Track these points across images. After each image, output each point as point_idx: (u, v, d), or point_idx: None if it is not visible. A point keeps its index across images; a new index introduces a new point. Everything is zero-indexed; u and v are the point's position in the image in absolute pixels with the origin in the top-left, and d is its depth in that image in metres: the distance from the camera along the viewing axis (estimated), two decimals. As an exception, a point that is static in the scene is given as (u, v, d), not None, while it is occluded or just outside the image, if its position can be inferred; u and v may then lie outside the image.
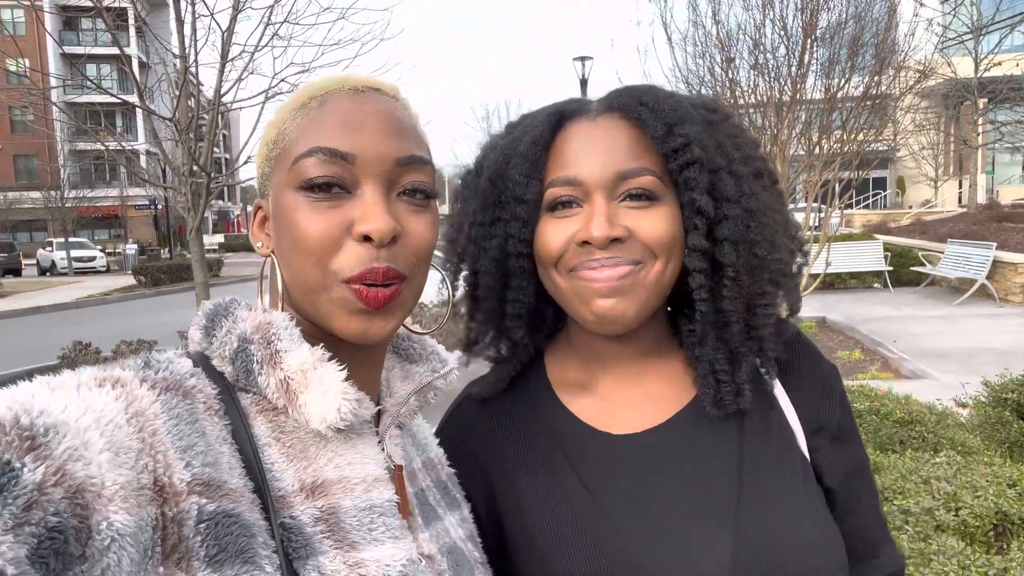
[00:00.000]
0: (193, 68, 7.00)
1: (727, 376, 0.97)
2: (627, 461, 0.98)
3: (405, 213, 0.80)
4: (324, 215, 0.77)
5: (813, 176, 9.19)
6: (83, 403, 0.63)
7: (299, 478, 0.76)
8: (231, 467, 0.71)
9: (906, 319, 10.82)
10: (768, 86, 9.18)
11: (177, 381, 0.72)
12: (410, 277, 0.81)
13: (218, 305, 0.84)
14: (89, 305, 20.78)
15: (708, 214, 0.94)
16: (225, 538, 0.66)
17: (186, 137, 6.66)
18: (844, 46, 9.20)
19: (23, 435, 0.57)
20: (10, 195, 39.10)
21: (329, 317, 0.79)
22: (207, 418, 0.72)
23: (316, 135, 0.79)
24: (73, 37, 41.86)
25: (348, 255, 0.77)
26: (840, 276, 14.11)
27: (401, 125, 0.82)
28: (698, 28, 9.42)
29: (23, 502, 0.54)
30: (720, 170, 0.95)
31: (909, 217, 26.50)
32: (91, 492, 0.58)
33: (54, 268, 34.58)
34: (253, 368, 0.77)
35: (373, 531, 0.77)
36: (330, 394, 0.75)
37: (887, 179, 37.24)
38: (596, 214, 0.93)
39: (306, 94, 0.83)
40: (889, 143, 13.72)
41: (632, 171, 0.94)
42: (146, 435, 0.65)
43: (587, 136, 0.97)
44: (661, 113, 0.94)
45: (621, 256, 0.93)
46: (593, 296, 0.94)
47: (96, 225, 49.50)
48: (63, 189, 33.97)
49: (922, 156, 29.84)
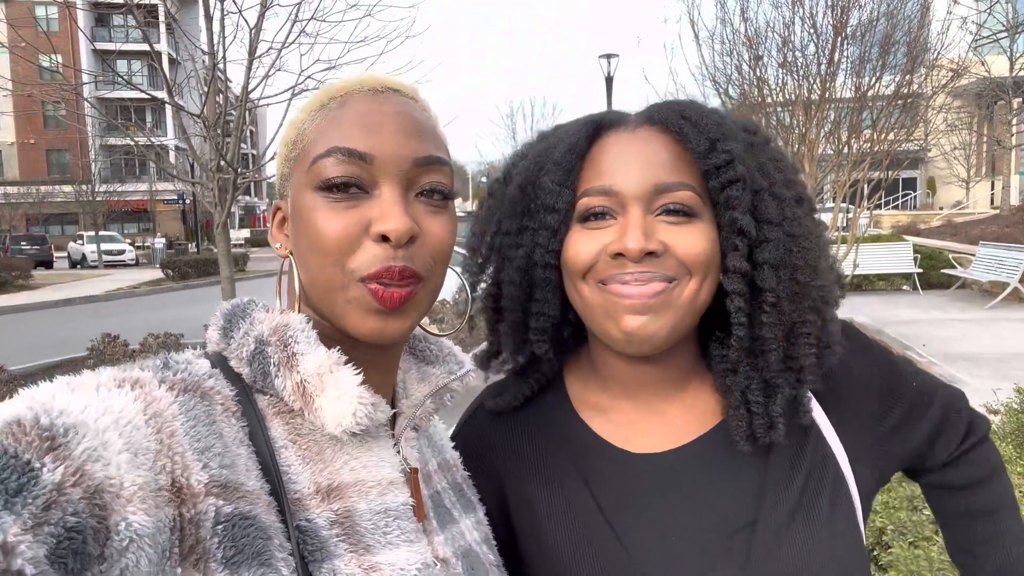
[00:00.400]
0: (221, 65, 7.07)
1: (760, 408, 0.92)
2: (644, 480, 0.96)
3: (423, 214, 0.80)
4: (342, 215, 0.77)
5: (842, 176, 9.07)
6: (102, 404, 0.63)
7: (315, 481, 0.76)
8: (248, 469, 0.71)
9: (936, 322, 10.63)
10: (796, 84, 9.07)
11: (195, 382, 0.73)
12: (427, 278, 0.81)
13: (235, 306, 0.84)
14: (118, 298, 21.12)
15: (750, 235, 0.90)
16: (242, 540, 0.66)
17: (214, 133, 6.73)
18: (875, 44, 9.06)
19: (43, 435, 0.57)
20: (42, 189, 39.84)
21: (345, 317, 0.79)
22: (224, 420, 0.72)
23: (335, 135, 0.79)
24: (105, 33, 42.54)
25: (365, 254, 0.77)
26: (868, 278, 13.90)
27: (419, 126, 0.82)
28: (726, 25, 9.35)
29: (42, 502, 0.54)
30: (762, 191, 0.92)
31: (940, 218, 26.05)
32: (110, 493, 0.59)
33: (84, 261, 35.21)
34: (270, 370, 0.77)
35: (388, 534, 0.77)
36: (345, 398, 0.75)
37: (917, 179, 36.65)
38: (631, 225, 0.89)
39: (326, 95, 0.84)
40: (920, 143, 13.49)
41: (671, 185, 0.91)
42: (164, 436, 0.65)
43: (625, 147, 0.94)
44: (704, 128, 0.91)
45: (655, 271, 0.89)
46: (623, 312, 0.90)
47: (126, 219, 50.23)
48: (94, 183, 34.50)
49: (954, 156, 29.33)
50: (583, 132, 0.96)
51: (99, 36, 41.89)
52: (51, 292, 21.82)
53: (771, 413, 0.92)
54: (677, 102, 0.97)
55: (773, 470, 0.93)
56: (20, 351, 10.99)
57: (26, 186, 41.29)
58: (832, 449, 0.96)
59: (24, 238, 35.70)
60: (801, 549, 0.88)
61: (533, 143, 1.05)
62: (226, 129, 7.08)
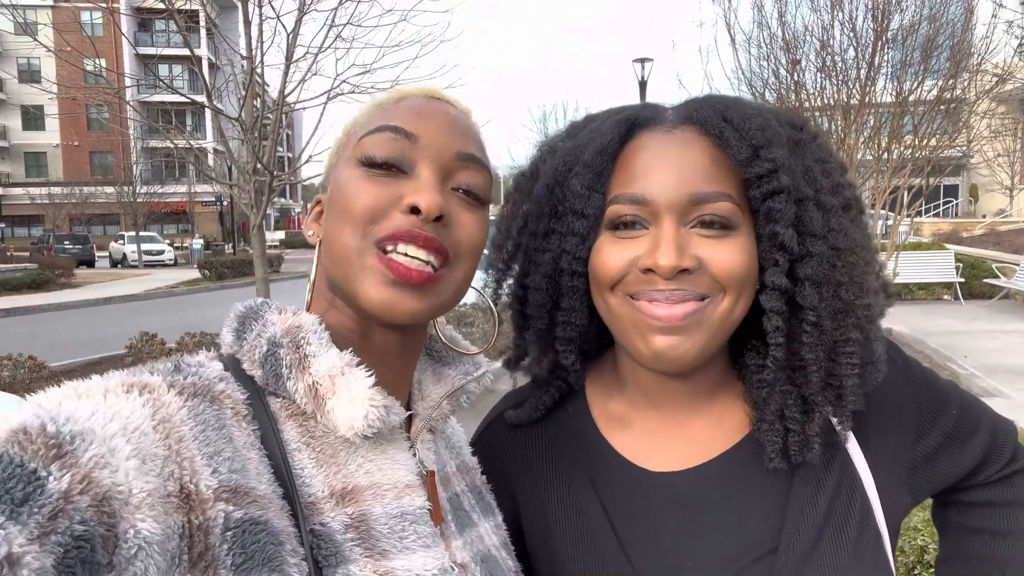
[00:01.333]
0: (259, 69, 7.17)
1: (797, 426, 0.87)
2: (661, 502, 0.91)
3: (456, 206, 0.81)
4: (377, 186, 0.78)
5: (881, 182, 8.90)
6: (110, 410, 0.63)
7: (329, 484, 0.75)
8: (259, 473, 0.70)
9: (978, 333, 10.36)
10: (835, 89, 8.93)
11: (205, 386, 0.72)
12: (453, 262, 0.80)
13: (249, 308, 0.84)
14: (157, 297, 21.54)
15: (791, 250, 0.85)
16: (252, 546, 0.65)
17: (251, 136, 6.83)
18: (917, 48, 8.89)
19: (49, 443, 0.57)
20: (85, 190, 40.87)
21: (358, 285, 0.77)
22: (235, 424, 0.72)
23: (386, 118, 0.81)
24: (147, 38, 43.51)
25: (391, 221, 0.77)
26: (908, 287, 13.62)
27: (468, 128, 0.84)
28: (763, 29, 9.25)
29: (48, 511, 0.53)
30: (807, 200, 0.86)
31: (982, 227, 25.44)
32: (118, 500, 0.58)
33: (125, 260, 36.01)
34: (282, 372, 0.77)
35: (404, 539, 0.76)
36: (357, 400, 0.74)
37: (959, 187, 35.84)
38: (664, 240, 0.84)
39: (385, 96, 0.87)
40: (963, 149, 13.19)
41: (708, 195, 0.85)
42: (172, 442, 0.65)
43: (660, 149, 0.88)
44: (747, 133, 0.85)
45: (687, 289, 0.85)
46: (651, 332, 0.86)
47: (165, 220, 51.31)
48: (135, 185, 35.31)
49: (997, 163, 28.61)
50: (615, 131, 0.90)
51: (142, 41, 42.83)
52: (92, 290, 22.33)
53: (807, 432, 0.87)
54: (719, 99, 0.92)
55: (797, 492, 0.88)
56: (61, 347, 11.27)
57: (70, 187, 42.39)
58: (859, 473, 0.90)
59: (67, 237, 36.67)
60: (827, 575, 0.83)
61: (562, 137, 0.99)
62: (263, 132, 7.18)
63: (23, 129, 50.80)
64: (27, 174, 51.10)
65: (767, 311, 0.86)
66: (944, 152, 9.48)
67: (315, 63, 7.23)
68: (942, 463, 0.97)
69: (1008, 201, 30.74)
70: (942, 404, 0.97)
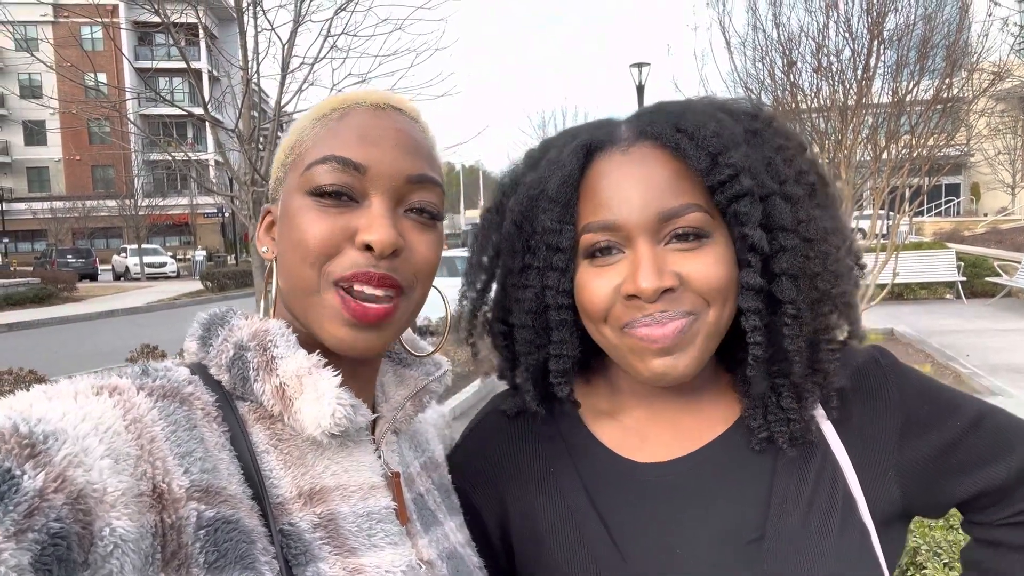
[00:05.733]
0: (255, 80, 7.20)
1: (782, 413, 0.90)
2: (649, 492, 0.92)
3: (410, 230, 0.81)
4: (329, 220, 0.78)
5: (880, 182, 8.88)
6: (81, 410, 0.63)
7: (297, 485, 0.76)
8: (230, 474, 0.71)
9: (980, 332, 10.33)
10: (832, 89, 8.92)
11: (174, 388, 0.73)
12: (407, 292, 0.81)
13: (214, 315, 0.84)
14: (159, 309, 21.59)
15: (762, 249, 0.85)
16: (224, 544, 0.66)
17: (248, 147, 6.85)
18: (913, 48, 8.88)
19: (22, 443, 0.57)
20: (88, 203, 41.00)
21: (319, 324, 0.79)
22: (206, 424, 0.73)
23: (332, 144, 0.80)
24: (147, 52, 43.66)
25: (345, 260, 0.78)
26: (910, 286, 13.60)
27: (417, 145, 0.83)
28: (758, 31, 9.24)
29: (24, 509, 0.54)
30: (773, 195, 0.86)
31: (984, 225, 25.39)
32: (93, 498, 0.59)
33: (128, 273, 36.10)
34: (249, 375, 0.77)
35: (372, 537, 0.78)
36: (324, 399, 0.75)
37: (960, 186, 35.78)
38: (642, 263, 0.84)
39: (327, 106, 0.85)
40: (962, 148, 13.18)
41: (676, 210, 0.85)
42: (144, 442, 0.65)
43: (620, 172, 0.87)
44: (703, 141, 0.84)
45: (673, 309, 0.85)
46: (649, 355, 0.86)
47: (167, 232, 51.41)
48: (137, 198, 35.41)
49: (998, 162, 28.58)
50: (574, 161, 0.89)
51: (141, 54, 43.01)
52: (95, 304, 22.38)
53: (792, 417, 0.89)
54: (668, 109, 0.91)
55: (781, 480, 0.89)
56: (64, 361, 11.29)
57: (72, 201, 42.53)
58: (840, 464, 0.90)
59: (70, 251, 36.77)
60: (811, 567, 0.83)
61: (522, 169, 0.98)
62: (261, 143, 7.20)
63: (25, 144, 50.95)
64: (30, 189, 51.28)
65: (745, 312, 0.86)
66: (942, 151, 9.46)
67: (311, 73, 7.26)
68: (947, 476, 0.93)
69: (1010, 199, 30.67)
70: (940, 413, 0.94)
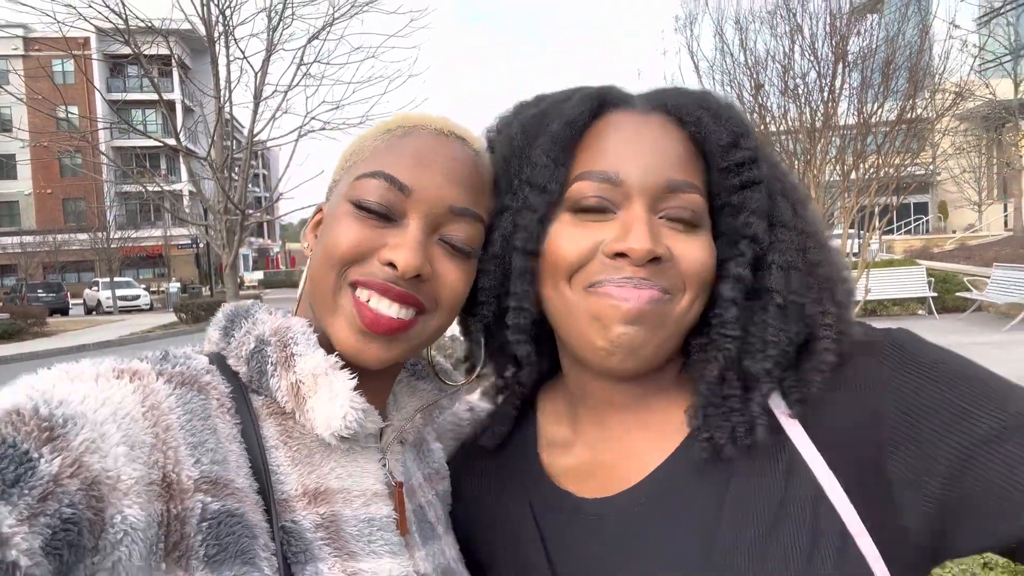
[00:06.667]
0: (228, 108, 7.19)
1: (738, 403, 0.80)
2: (593, 532, 0.85)
3: (441, 257, 0.81)
4: (364, 230, 0.79)
5: (849, 201, 9.05)
6: (101, 394, 0.64)
7: (303, 483, 0.76)
8: (238, 466, 0.71)
9: (953, 346, 10.29)
10: (800, 111, 9.12)
11: (193, 376, 0.74)
12: (430, 311, 0.81)
13: (239, 307, 0.86)
14: (132, 343, 21.21)
15: (761, 240, 0.82)
16: (227, 538, 0.66)
17: (220, 176, 6.82)
18: (877, 70, 9.12)
19: (42, 425, 0.58)
20: (59, 237, 40.44)
21: (331, 326, 0.80)
22: (219, 415, 0.73)
23: (387, 159, 0.82)
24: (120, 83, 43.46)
25: (368, 267, 0.79)
26: (882, 303, 13.76)
27: (468, 177, 0.83)
28: (725, 56, 9.47)
29: (39, 493, 0.54)
30: (776, 192, 0.84)
31: (953, 242, 25.90)
32: (106, 485, 0.59)
33: (100, 307, 35.52)
34: (267, 369, 0.78)
35: (372, 543, 0.78)
36: (337, 401, 0.75)
37: (928, 204, 36.52)
38: (637, 223, 0.78)
39: (394, 122, 0.87)
40: (927, 167, 13.45)
41: (682, 184, 0.80)
42: (160, 430, 0.66)
43: (634, 130, 0.82)
44: (726, 121, 0.82)
45: (654, 279, 0.79)
46: (614, 320, 0.78)
47: (141, 264, 50.85)
48: (109, 230, 35.00)
49: (964, 179, 29.23)
50: (586, 105, 0.83)
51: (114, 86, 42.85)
52: (65, 339, 21.97)
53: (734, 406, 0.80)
54: (690, 90, 0.87)
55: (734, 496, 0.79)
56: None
57: (43, 235, 41.91)
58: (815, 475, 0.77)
59: (40, 286, 36.11)
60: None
61: (518, 110, 0.92)
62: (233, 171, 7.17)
63: (-6, 178, 50.33)
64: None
65: (724, 301, 0.81)
66: (908, 170, 9.67)
67: (284, 101, 7.28)
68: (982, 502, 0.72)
69: (977, 216, 31.35)
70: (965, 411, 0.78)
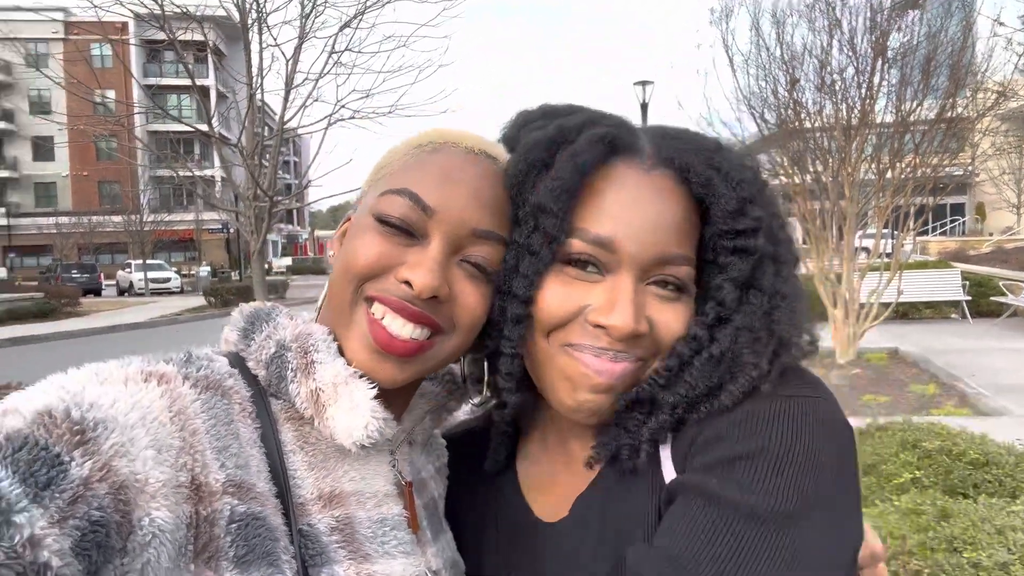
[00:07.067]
0: (259, 95, 7.23)
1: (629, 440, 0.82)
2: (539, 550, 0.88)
3: (461, 278, 0.81)
4: (385, 246, 0.79)
5: (884, 201, 8.88)
6: (131, 398, 0.65)
7: (318, 487, 0.77)
8: (259, 471, 0.73)
9: (986, 351, 10.25)
10: (836, 108, 8.94)
11: (217, 380, 0.74)
12: (447, 333, 0.81)
13: (259, 309, 0.86)
14: (161, 325, 21.58)
15: (729, 307, 0.80)
16: (253, 539, 0.68)
17: (250, 162, 6.87)
18: (917, 67, 8.90)
19: (74, 428, 0.59)
20: (94, 219, 41.21)
21: (347, 341, 0.80)
22: (241, 420, 0.74)
23: (414, 176, 0.81)
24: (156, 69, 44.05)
25: (385, 283, 0.78)
26: (915, 305, 13.53)
27: (495, 198, 0.82)
28: (761, 50, 9.31)
29: (69, 496, 0.56)
30: (765, 257, 0.82)
31: (989, 244, 25.33)
32: (135, 488, 0.60)
33: (132, 289, 36.18)
34: (287, 375, 0.78)
35: (386, 544, 0.79)
36: (359, 410, 0.76)
37: (965, 205, 35.77)
38: (622, 298, 0.78)
39: (426, 137, 0.86)
40: (965, 167, 13.15)
41: (675, 257, 0.80)
42: (187, 434, 0.67)
43: (636, 192, 0.80)
44: (737, 185, 0.80)
45: (630, 351, 0.80)
46: (584, 388, 0.80)
47: (173, 248, 51.67)
48: (142, 213, 35.54)
49: (1003, 181, 28.58)
50: (597, 151, 0.81)
51: (150, 71, 43.45)
52: (98, 319, 22.41)
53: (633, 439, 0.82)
54: (703, 143, 0.84)
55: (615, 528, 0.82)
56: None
57: (78, 216, 42.75)
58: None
59: (75, 266, 36.95)
60: None
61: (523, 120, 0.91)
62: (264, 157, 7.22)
63: (33, 160, 51.43)
64: (37, 204, 51.63)
65: (674, 354, 0.81)
66: (946, 170, 9.46)
67: (315, 89, 7.30)
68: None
69: (1015, 219, 30.64)
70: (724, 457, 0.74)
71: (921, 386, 8.30)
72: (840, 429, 0.76)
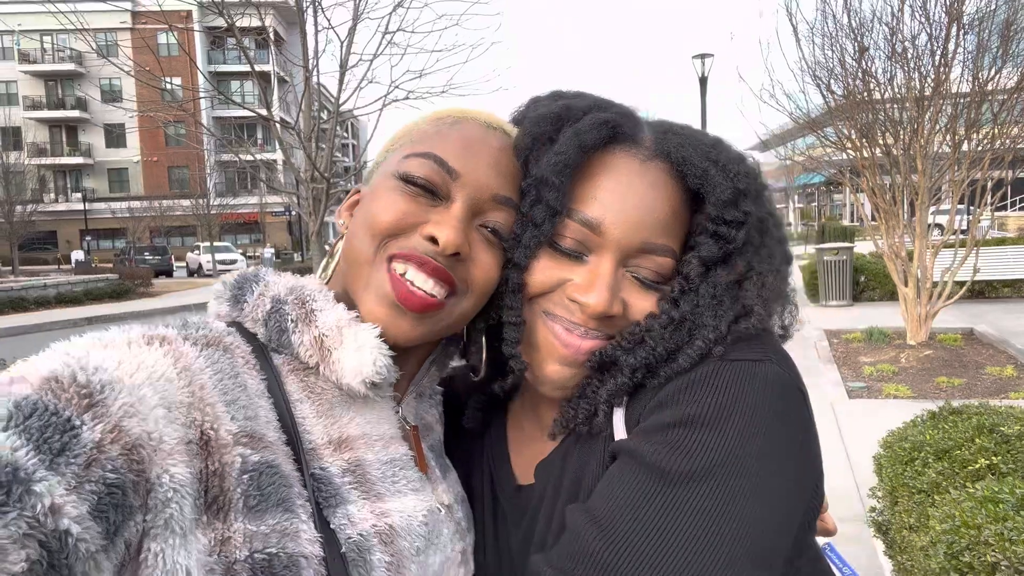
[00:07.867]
0: (316, 78, 7.30)
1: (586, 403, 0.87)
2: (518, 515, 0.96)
3: (478, 242, 0.84)
4: (409, 204, 0.81)
5: (959, 175, 8.45)
6: (135, 359, 0.66)
7: (327, 432, 0.79)
8: (267, 420, 0.74)
9: (1069, 332, 9.69)
10: (907, 77, 8.51)
11: (216, 338, 0.76)
12: (461, 293, 0.83)
13: (243, 275, 0.88)
14: (228, 305, 22.28)
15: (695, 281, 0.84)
16: (268, 488, 0.69)
17: (307, 145, 6.96)
18: (995, 32, 8.39)
19: (81, 392, 0.60)
20: (164, 203, 42.67)
21: (363, 293, 0.81)
22: (247, 372, 0.75)
23: (438, 144, 0.84)
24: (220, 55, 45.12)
25: (408, 240, 0.81)
26: (991, 284, 12.90)
27: (511, 168, 0.87)
28: (827, 17, 8.90)
29: (83, 460, 0.56)
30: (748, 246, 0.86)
31: (1074, 220, 23.94)
32: (149, 447, 0.61)
33: (201, 270, 37.48)
34: (287, 327, 0.80)
35: (396, 483, 0.82)
36: (365, 349, 0.78)
37: (1048, 178, 33.89)
38: (600, 280, 0.83)
39: (444, 112, 0.90)
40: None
41: (658, 247, 0.84)
42: (195, 389, 0.68)
43: (629, 178, 0.85)
44: (734, 177, 0.84)
45: (601, 330, 0.85)
46: (551, 357, 0.86)
47: (238, 230, 53.14)
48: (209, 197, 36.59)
49: (1091, 152, 26.95)
50: (600, 133, 0.85)
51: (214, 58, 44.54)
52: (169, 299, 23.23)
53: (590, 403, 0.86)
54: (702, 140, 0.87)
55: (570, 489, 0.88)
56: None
57: (149, 200, 44.33)
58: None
59: (147, 249, 38.38)
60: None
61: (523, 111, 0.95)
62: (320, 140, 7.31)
63: (106, 147, 53.40)
64: (110, 189, 53.72)
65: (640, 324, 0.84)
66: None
67: (369, 70, 7.35)
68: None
69: (1103, 192, 28.89)
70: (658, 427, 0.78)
71: (998, 368, 7.91)
72: (782, 392, 0.76)
